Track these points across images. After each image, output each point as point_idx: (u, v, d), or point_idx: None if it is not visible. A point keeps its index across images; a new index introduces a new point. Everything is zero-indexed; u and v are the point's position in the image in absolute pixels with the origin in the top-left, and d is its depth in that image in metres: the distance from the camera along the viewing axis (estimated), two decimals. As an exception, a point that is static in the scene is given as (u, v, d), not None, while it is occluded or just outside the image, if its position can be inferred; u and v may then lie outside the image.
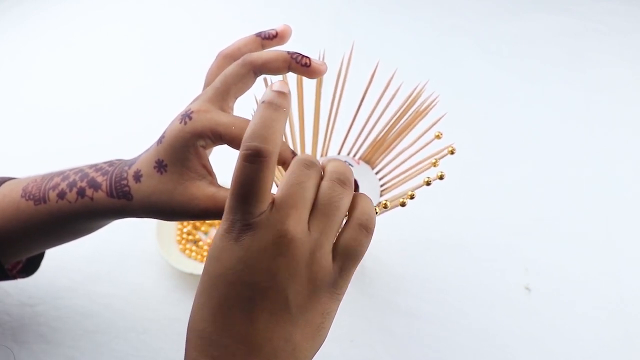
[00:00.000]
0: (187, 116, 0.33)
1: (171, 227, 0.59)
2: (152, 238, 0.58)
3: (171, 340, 0.54)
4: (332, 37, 0.80)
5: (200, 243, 0.59)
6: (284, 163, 0.33)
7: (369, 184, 0.45)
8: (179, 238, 0.59)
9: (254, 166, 0.26)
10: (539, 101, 0.75)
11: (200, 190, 0.33)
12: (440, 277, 0.58)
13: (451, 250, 0.60)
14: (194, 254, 0.58)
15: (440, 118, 0.42)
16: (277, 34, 0.38)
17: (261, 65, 0.34)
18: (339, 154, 0.48)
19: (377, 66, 0.43)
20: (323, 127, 0.46)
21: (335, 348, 0.54)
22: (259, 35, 0.38)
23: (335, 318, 0.57)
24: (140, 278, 0.57)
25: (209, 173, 0.34)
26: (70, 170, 0.39)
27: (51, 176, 0.39)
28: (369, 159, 0.47)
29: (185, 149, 0.33)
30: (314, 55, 0.42)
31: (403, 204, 0.36)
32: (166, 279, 0.57)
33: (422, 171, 0.41)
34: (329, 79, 0.43)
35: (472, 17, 0.85)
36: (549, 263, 0.59)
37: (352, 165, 0.47)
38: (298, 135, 0.45)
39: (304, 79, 0.42)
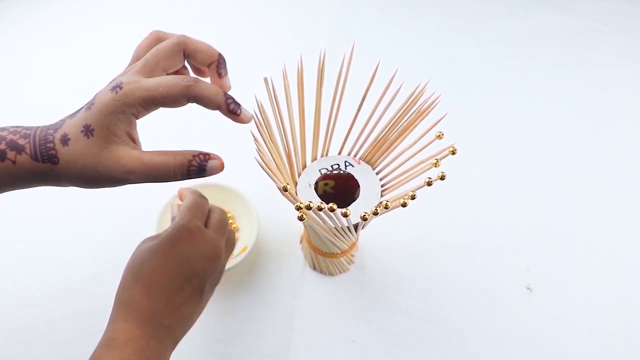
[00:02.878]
0: (118, 87, 0.35)
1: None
2: (152, 238, 0.58)
3: (171, 341, 0.53)
4: (332, 37, 0.80)
5: None
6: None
7: (369, 184, 0.45)
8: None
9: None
10: (540, 101, 0.75)
11: (125, 152, 0.35)
12: (441, 277, 0.58)
13: (452, 251, 0.60)
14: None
15: (442, 118, 0.42)
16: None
17: (192, 50, 0.38)
18: (339, 154, 0.48)
19: (377, 66, 0.43)
20: (324, 127, 0.46)
21: (336, 348, 0.54)
22: (218, 71, 0.40)
23: (335, 318, 0.57)
24: (141, 278, 0.57)
25: (132, 140, 0.36)
26: None
27: None
28: (370, 159, 0.47)
29: (113, 115, 0.35)
30: (314, 55, 0.42)
31: (404, 204, 0.35)
32: (166, 279, 0.57)
33: (423, 171, 0.41)
34: (329, 79, 0.43)
35: (473, 17, 0.85)
36: (550, 263, 0.59)
37: (352, 165, 0.47)
38: (299, 135, 0.45)
39: (304, 79, 0.42)
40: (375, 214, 0.35)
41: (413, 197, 0.36)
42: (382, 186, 0.46)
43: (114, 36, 0.82)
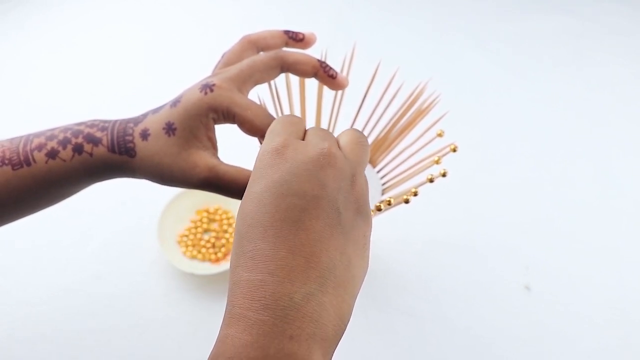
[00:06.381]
0: (208, 87, 0.34)
1: (172, 228, 0.59)
2: (153, 238, 0.58)
3: (171, 340, 0.53)
4: (333, 37, 0.80)
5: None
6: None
7: (370, 183, 0.45)
8: (179, 238, 0.59)
9: None
10: (539, 100, 0.75)
11: (202, 159, 0.34)
12: (441, 276, 0.58)
13: (452, 249, 0.60)
14: (195, 253, 0.58)
15: (442, 117, 0.42)
16: (303, 38, 0.39)
17: (291, 63, 0.36)
18: (340, 153, 0.48)
19: (378, 66, 0.43)
20: (325, 126, 0.47)
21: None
22: (286, 33, 0.39)
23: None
24: (141, 278, 0.57)
25: (212, 146, 0.35)
26: (52, 130, 0.37)
27: (26, 138, 0.36)
28: (370, 158, 0.47)
29: (197, 117, 0.34)
30: (315, 55, 0.42)
31: (407, 201, 0.36)
32: (167, 279, 0.57)
33: (424, 169, 0.41)
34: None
35: (473, 17, 0.85)
36: (549, 262, 0.60)
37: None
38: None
39: (306, 80, 0.42)
40: (379, 209, 0.35)
41: (415, 194, 0.36)
42: (383, 184, 0.46)
43: (114, 36, 0.82)
